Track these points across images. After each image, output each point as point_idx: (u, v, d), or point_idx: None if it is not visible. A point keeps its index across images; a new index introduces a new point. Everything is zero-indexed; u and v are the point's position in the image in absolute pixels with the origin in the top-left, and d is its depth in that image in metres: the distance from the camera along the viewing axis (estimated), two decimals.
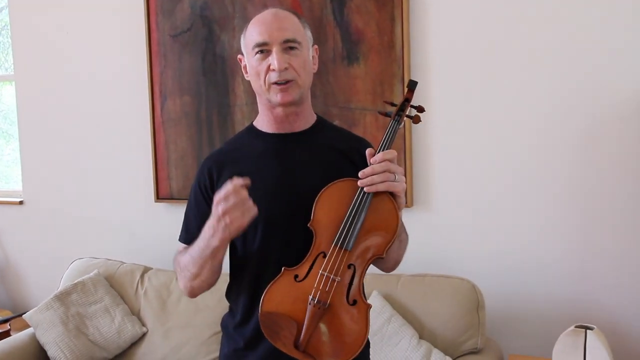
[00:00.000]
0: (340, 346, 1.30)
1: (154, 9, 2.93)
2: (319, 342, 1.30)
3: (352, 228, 1.32)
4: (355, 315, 1.31)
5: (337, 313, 1.31)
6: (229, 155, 1.51)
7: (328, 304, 1.30)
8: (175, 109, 2.94)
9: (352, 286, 1.32)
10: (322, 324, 1.30)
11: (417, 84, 1.47)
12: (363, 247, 1.33)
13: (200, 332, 2.56)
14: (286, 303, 1.32)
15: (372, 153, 1.34)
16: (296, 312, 1.31)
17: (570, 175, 2.39)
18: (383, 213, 1.33)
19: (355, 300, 1.31)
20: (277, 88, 1.39)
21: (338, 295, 1.31)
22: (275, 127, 1.48)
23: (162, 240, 3.01)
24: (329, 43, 2.62)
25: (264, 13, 1.43)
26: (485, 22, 2.45)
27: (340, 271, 1.31)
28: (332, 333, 1.30)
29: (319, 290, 1.30)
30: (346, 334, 1.31)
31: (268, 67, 1.38)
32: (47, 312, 2.64)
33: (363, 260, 1.33)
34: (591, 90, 2.34)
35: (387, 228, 1.33)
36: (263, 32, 1.39)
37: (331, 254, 1.32)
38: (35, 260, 3.41)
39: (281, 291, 1.34)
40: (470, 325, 2.29)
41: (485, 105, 2.47)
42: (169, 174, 2.99)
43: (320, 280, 1.31)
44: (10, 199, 3.48)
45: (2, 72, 3.72)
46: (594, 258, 2.39)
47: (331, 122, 1.64)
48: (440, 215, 2.58)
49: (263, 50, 1.39)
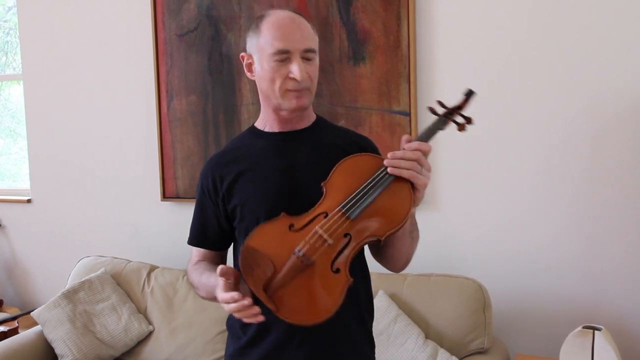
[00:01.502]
0: (305, 307, 1.27)
1: (160, 8, 2.94)
2: (287, 294, 1.26)
3: (362, 200, 1.31)
4: (332, 283, 1.27)
5: (316, 274, 1.27)
6: (231, 155, 1.52)
7: (311, 262, 1.27)
8: (181, 108, 2.95)
9: (340, 255, 1.29)
10: (298, 279, 1.27)
11: (474, 94, 1.46)
12: (365, 222, 1.30)
13: (206, 330, 2.57)
14: (272, 246, 1.30)
15: (409, 139, 1.34)
16: (278, 258, 1.28)
17: (580, 176, 2.38)
18: (396, 199, 1.31)
19: (338, 269, 1.28)
20: (292, 95, 1.40)
21: (324, 257, 1.28)
22: (278, 127, 1.49)
23: (169, 239, 3.03)
24: (335, 43, 2.62)
25: (281, 17, 1.41)
26: (492, 21, 2.44)
27: (335, 235, 1.29)
28: (302, 291, 1.27)
29: (308, 245, 1.28)
30: (316, 298, 1.27)
31: (287, 74, 1.38)
32: (55, 309, 2.65)
33: (361, 235, 1.30)
34: (603, 93, 2.32)
35: (395, 214, 1.30)
36: (286, 39, 1.38)
37: (333, 216, 1.31)
38: (43, 258, 3.43)
39: (272, 233, 1.32)
40: (476, 325, 2.28)
41: (492, 105, 2.47)
42: (175, 173, 3.00)
43: (313, 236, 1.29)
44: (18, 197, 3.51)
45: (11, 72, 3.74)
46: (602, 259, 2.38)
47: (331, 122, 1.64)
48: (446, 214, 2.57)
49: (284, 58, 1.38)
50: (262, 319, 1.24)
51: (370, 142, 1.56)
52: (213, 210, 1.51)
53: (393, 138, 2.55)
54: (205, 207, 1.53)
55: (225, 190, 1.47)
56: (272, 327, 1.44)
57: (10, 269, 3.55)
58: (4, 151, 3.92)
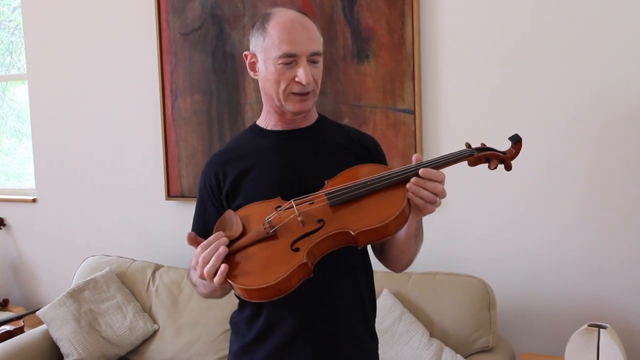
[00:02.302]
0: (249, 273, 1.24)
1: (164, 7, 2.94)
2: (242, 258, 1.26)
3: (348, 192, 1.29)
4: (285, 258, 1.23)
5: (274, 246, 1.26)
6: (233, 153, 1.51)
7: (274, 231, 1.27)
8: (185, 107, 2.95)
9: (305, 237, 1.25)
10: (257, 246, 1.27)
11: (521, 140, 1.40)
12: (343, 215, 1.26)
13: (211, 329, 2.57)
14: (252, 217, 1.32)
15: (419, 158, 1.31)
16: (251, 227, 1.30)
17: (585, 175, 2.37)
18: (384, 204, 1.26)
19: (297, 249, 1.23)
20: (296, 98, 1.39)
21: (289, 232, 1.26)
22: (281, 125, 1.49)
23: (173, 238, 3.03)
24: (339, 40, 2.62)
25: (289, 19, 1.39)
26: (496, 19, 2.43)
27: (308, 216, 1.27)
28: (255, 258, 1.26)
29: (277, 214, 1.29)
30: (262, 267, 1.24)
31: (292, 77, 1.37)
32: (60, 309, 2.66)
33: (333, 226, 1.25)
34: (607, 92, 2.31)
35: (375, 216, 1.24)
36: (292, 42, 1.36)
37: (314, 197, 1.30)
38: (48, 257, 3.44)
39: (259, 209, 1.34)
40: (481, 324, 2.28)
41: (497, 103, 2.46)
42: (180, 172, 3.00)
43: (285, 208, 1.30)
44: (24, 196, 3.51)
45: (15, 72, 3.75)
46: (607, 257, 2.37)
47: (333, 120, 1.63)
48: (451, 213, 2.56)
49: (291, 61, 1.37)
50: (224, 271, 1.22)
51: (372, 140, 1.55)
52: (216, 207, 1.50)
53: (397, 136, 2.55)
54: (208, 205, 1.52)
55: (229, 189, 1.47)
56: (277, 325, 1.44)
57: (15, 269, 3.56)
58: (9, 151, 3.94)
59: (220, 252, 1.24)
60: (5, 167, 3.94)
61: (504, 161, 1.39)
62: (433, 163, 1.31)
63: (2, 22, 3.80)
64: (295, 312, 1.43)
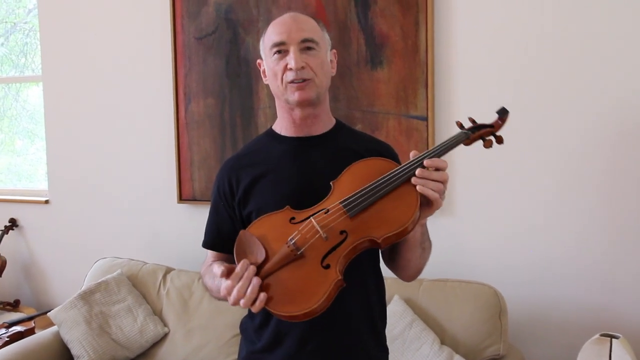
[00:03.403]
0: (287, 298, 1.23)
1: (179, 11, 2.96)
2: (273, 284, 1.24)
3: (364, 199, 1.29)
4: (319, 278, 1.23)
5: (305, 267, 1.25)
6: (247, 159, 1.52)
7: (301, 252, 1.25)
8: (199, 110, 2.97)
9: (333, 251, 1.25)
10: (286, 269, 1.25)
11: (508, 113, 1.44)
12: (364, 222, 1.27)
13: (221, 333, 2.58)
14: (270, 235, 1.30)
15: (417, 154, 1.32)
16: (273, 247, 1.28)
17: (599, 183, 2.36)
18: (401, 204, 1.27)
19: (328, 265, 1.24)
20: (293, 86, 1.40)
21: (315, 250, 1.25)
22: (294, 130, 1.49)
23: (185, 241, 3.04)
24: (352, 47, 2.62)
25: (283, 16, 1.45)
26: (510, 27, 2.43)
27: (330, 230, 1.27)
28: (288, 282, 1.24)
29: (300, 235, 1.27)
30: (299, 291, 1.23)
31: (285, 66, 1.39)
32: (71, 310, 2.67)
33: (357, 235, 1.26)
34: (623, 100, 2.30)
35: (396, 218, 1.26)
36: (282, 32, 1.40)
37: (332, 210, 1.29)
38: (60, 259, 3.46)
39: (272, 223, 1.32)
40: (492, 332, 2.27)
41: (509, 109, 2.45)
42: (192, 175, 3.01)
43: (307, 226, 1.28)
44: (37, 198, 3.53)
45: (29, 73, 3.78)
46: (620, 266, 2.35)
47: (350, 126, 1.63)
48: (462, 220, 2.56)
49: (281, 51, 1.40)
50: (263, 299, 1.21)
51: (389, 148, 1.55)
52: (229, 213, 1.51)
53: (410, 142, 2.55)
54: (221, 210, 1.52)
55: (242, 195, 1.47)
56: (286, 334, 1.45)
57: (27, 270, 3.58)
58: (22, 152, 3.97)
59: (255, 283, 1.22)
60: (17, 167, 3.97)
61: (494, 135, 1.43)
62: (434, 152, 1.32)
63: (18, 24, 3.84)
64: (304, 322, 1.43)
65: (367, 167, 1.35)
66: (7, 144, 3.98)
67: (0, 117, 3.95)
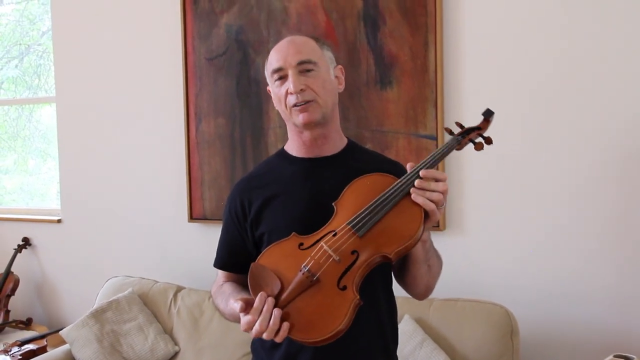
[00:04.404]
0: (309, 325, 1.24)
1: (190, 33, 3.00)
2: (293, 312, 1.25)
3: (370, 216, 1.30)
4: (338, 300, 1.24)
5: (322, 292, 1.26)
6: (259, 180, 1.53)
7: (317, 278, 1.26)
8: (209, 130, 2.99)
9: (348, 272, 1.27)
10: (304, 296, 1.26)
11: (493, 114, 1.48)
12: (373, 239, 1.29)
13: (232, 352, 2.57)
14: (281, 264, 1.30)
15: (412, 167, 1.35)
16: (286, 276, 1.28)
17: (612, 202, 2.35)
18: (406, 217, 1.30)
19: (345, 287, 1.26)
20: (297, 110, 1.41)
21: (330, 274, 1.27)
22: (305, 151, 1.50)
23: (195, 260, 3.05)
24: (362, 67, 2.65)
25: (281, 41, 1.47)
26: (520, 47, 2.44)
27: (342, 252, 1.28)
28: (308, 309, 1.25)
29: (314, 261, 1.28)
30: (320, 315, 1.24)
31: (287, 91, 1.41)
32: (83, 329, 2.68)
33: (368, 252, 1.28)
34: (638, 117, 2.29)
35: (404, 232, 1.29)
36: (279, 58, 1.42)
37: (340, 233, 1.30)
38: (72, 277, 3.48)
39: (282, 252, 1.33)
40: (503, 352, 2.25)
41: (521, 129, 2.46)
42: (203, 194, 3.03)
43: (319, 252, 1.29)
44: (49, 217, 3.56)
45: (43, 94, 3.83)
46: (634, 286, 2.33)
47: (363, 145, 1.64)
48: (473, 239, 2.56)
49: (281, 76, 1.42)
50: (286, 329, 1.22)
51: (401, 167, 1.54)
52: (240, 233, 1.52)
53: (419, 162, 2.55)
54: (232, 231, 1.53)
55: (254, 217, 1.48)
56: (297, 354, 1.45)
57: (39, 288, 3.60)
58: (34, 171, 4.01)
59: (276, 314, 1.22)
60: (30, 186, 4.01)
61: (483, 137, 1.47)
62: (429, 162, 1.35)
63: (32, 46, 3.90)
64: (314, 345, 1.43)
65: (366, 184, 1.37)
66: (20, 164, 4.03)
67: (14, 137, 4.00)
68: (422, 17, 2.52)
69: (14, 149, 4.02)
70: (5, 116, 4.00)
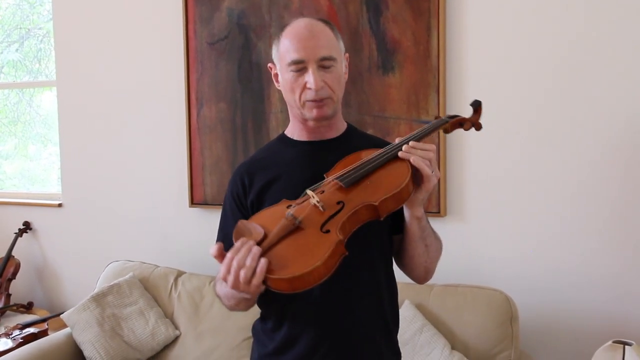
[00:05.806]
0: (287, 263, 1.19)
1: (192, 17, 2.99)
2: (275, 255, 1.20)
3: (357, 171, 1.32)
4: (319, 240, 1.21)
5: (305, 235, 1.23)
6: (260, 163, 1.53)
7: (299, 221, 1.24)
8: (210, 115, 2.99)
9: (332, 219, 1.25)
10: (287, 239, 1.23)
11: (481, 103, 1.52)
12: (360, 192, 1.29)
13: (232, 336, 2.59)
14: (268, 221, 1.28)
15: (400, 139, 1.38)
16: (272, 229, 1.25)
17: (615, 193, 2.35)
18: (393, 172, 1.31)
19: (328, 230, 1.23)
20: (312, 105, 1.40)
21: (314, 218, 1.25)
22: (307, 136, 1.50)
23: (196, 244, 3.06)
24: (364, 52, 2.63)
25: (298, 26, 1.41)
26: (523, 33, 2.43)
27: (327, 201, 1.27)
28: (289, 250, 1.21)
29: (298, 206, 1.28)
30: (300, 253, 1.20)
31: (304, 84, 1.39)
32: (84, 312, 2.69)
33: (354, 202, 1.27)
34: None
35: (390, 184, 1.29)
36: (299, 49, 1.37)
37: (327, 184, 1.32)
38: (73, 261, 3.49)
39: (270, 212, 1.32)
40: (503, 337, 2.27)
41: (522, 118, 2.45)
42: (204, 179, 3.03)
43: (304, 200, 1.30)
44: (50, 201, 3.57)
45: (43, 78, 3.82)
46: (633, 273, 2.34)
47: (362, 130, 1.64)
48: (474, 225, 2.56)
49: (300, 68, 1.38)
50: (263, 266, 1.16)
51: None
52: (241, 216, 1.51)
53: None
54: (234, 213, 1.51)
55: (254, 197, 1.48)
56: (297, 338, 1.45)
57: (40, 272, 3.61)
58: (35, 156, 4.00)
59: (255, 251, 1.17)
60: (30, 172, 4.01)
61: (473, 124, 1.53)
62: (417, 135, 1.39)
63: (32, 30, 3.88)
64: (316, 325, 1.43)
65: (358, 157, 1.39)
66: (21, 149, 4.03)
67: (14, 122, 3.99)
68: (425, 2, 2.51)
69: (14, 133, 4.02)
70: (5, 101, 3.99)
